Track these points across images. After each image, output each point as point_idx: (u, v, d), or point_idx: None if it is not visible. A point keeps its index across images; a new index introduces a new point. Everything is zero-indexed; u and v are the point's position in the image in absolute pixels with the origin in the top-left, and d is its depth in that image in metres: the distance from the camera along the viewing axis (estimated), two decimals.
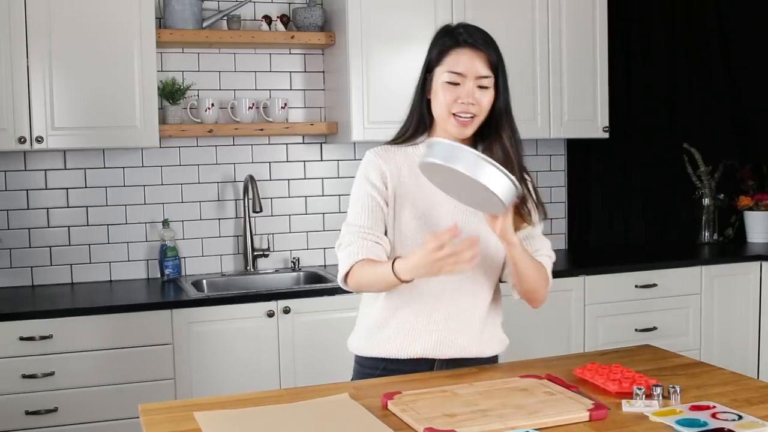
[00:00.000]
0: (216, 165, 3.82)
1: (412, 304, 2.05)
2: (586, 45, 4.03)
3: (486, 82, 1.99)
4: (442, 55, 2.00)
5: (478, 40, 1.99)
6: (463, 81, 1.97)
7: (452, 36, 2.01)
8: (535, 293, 2.07)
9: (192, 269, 3.80)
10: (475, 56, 1.98)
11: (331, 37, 3.75)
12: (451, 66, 1.98)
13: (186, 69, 3.76)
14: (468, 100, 1.97)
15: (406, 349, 2.05)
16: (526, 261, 2.00)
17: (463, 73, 1.97)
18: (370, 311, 2.12)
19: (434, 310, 2.05)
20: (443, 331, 2.05)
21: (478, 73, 1.97)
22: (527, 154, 4.29)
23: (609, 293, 3.83)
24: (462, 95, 1.97)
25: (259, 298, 3.30)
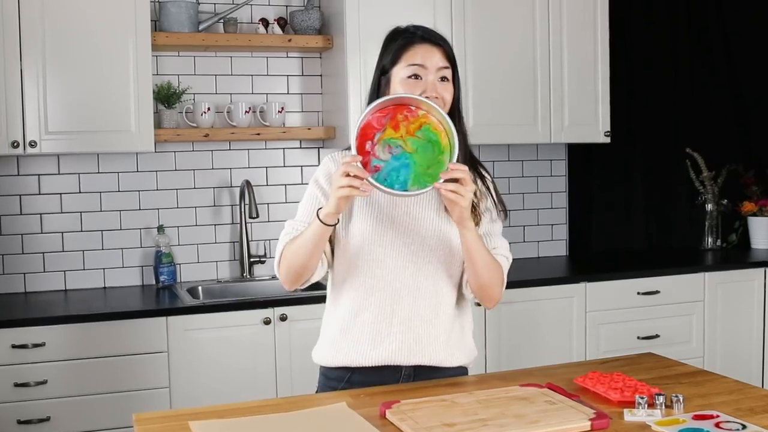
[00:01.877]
0: (212, 170, 3.82)
1: (373, 305, 2.05)
2: (587, 48, 4.03)
3: (447, 73, 2.01)
4: (399, 53, 2.02)
5: (433, 35, 2.04)
6: (425, 74, 1.99)
7: (406, 35, 2.04)
8: (489, 290, 2.04)
9: (187, 276, 3.80)
10: (433, 49, 2.01)
11: (329, 41, 3.75)
12: (411, 59, 2.00)
13: (182, 72, 3.76)
14: (432, 93, 1.98)
15: (371, 353, 2.04)
16: (481, 251, 1.98)
17: (424, 65, 1.99)
18: (332, 319, 2.12)
19: (396, 309, 2.04)
20: (407, 333, 2.04)
21: (438, 65, 2.00)
22: (529, 159, 4.35)
23: (611, 300, 3.83)
24: (426, 88, 1.98)
25: (256, 305, 3.29)
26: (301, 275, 2.03)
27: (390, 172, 1.86)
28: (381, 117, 1.90)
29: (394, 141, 1.87)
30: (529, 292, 3.69)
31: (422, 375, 2.07)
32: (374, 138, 1.87)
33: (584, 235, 4.50)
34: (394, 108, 1.90)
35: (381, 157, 1.87)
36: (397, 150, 1.87)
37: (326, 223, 1.93)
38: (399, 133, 1.88)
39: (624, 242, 4.55)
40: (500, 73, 3.88)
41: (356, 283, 2.06)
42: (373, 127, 1.88)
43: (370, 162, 1.86)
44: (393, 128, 1.88)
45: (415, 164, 1.86)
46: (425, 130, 1.88)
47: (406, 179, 1.85)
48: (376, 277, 2.04)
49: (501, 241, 2.12)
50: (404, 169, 1.86)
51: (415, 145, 1.87)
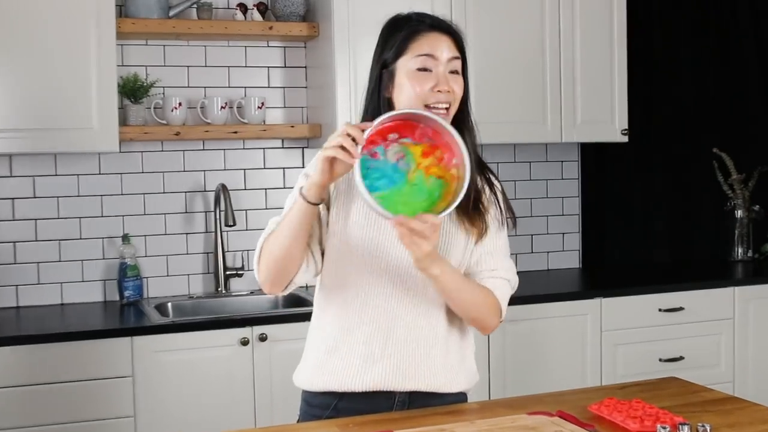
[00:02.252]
0: (183, 172, 3.81)
1: (366, 323, 2.03)
2: (602, 37, 4.03)
3: (457, 65, 2.01)
4: (405, 43, 2.01)
5: (442, 23, 2.04)
6: (435, 66, 1.98)
7: (412, 23, 2.04)
8: (480, 323, 2.06)
9: (155, 291, 3.78)
10: (443, 38, 2.01)
11: (315, 28, 3.74)
12: (418, 50, 1.99)
13: (150, 63, 3.74)
14: (444, 87, 1.98)
15: (363, 376, 2.02)
16: (458, 294, 1.98)
17: (435, 55, 1.99)
18: (317, 337, 2.10)
19: (393, 327, 2.02)
20: (403, 355, 2.03)
21: (449, 56, 2.00)
22: (537, 161, 4.33)
23: (629, 318, 3.81)
24: (438, 82, 1.98)
25: (232, 323, 3.28)
26: (282, 271, 1.99)
27: (376, 170, 1.86)
28: (424, 131, 1.91)
29: (411, 158, 1.89)
30: (538, 309, 3.67)
31: (418, 402, 2.05)
32: (401, 137, 1.89)
33: (599, 245, 4.49)
34: (436, 135, 1.90)
35: (388, 155, 1.88)
36: (403, 166, 1.89)
37: (309, 200, 1.91)
38: (421, 159, 1.90)
39: (644, 253, 4.54)
40: (505, 65, 3.87)
41: (348, 296, 2.04)
42: (410, 130, 1.90)
43: (375, 147, 1.87)
44: (423, 152, 1.90)
45: (397, 191, 1.87)
46: (439, 182, 1.90)
47: (380, 189, 1.86)
48: (372, 290, 2.02)
49: (502, 261, 2.09)
50: (389, 183, 1.87)
51: (417, 180, 1.89)
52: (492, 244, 2.08)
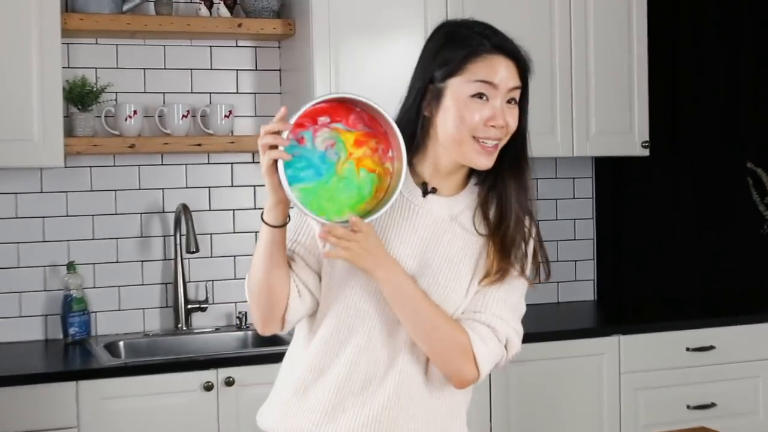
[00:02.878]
0: (139, 191, 3.79)
1: (342, 365, 2.01)
2: (619, 36, 4.04)
3: (516, 95, 2.03)
4: (463, 62, 1.99)
5: (508, 45, 2.05)
6: (494, 95, 1.98)
7: (474, 39, 2.01)
8: (444, 364, 2.00)
9: (105, 328, 3.76)
10: (507, 64, 2.02)
11: (290, 26, 3.73)
12: (481, 74, 1.98)
13: (100, 65, 3.74)
14: (499, 122, 1.98)
15: (327, 426, 2.00)
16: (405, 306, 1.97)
17: (495, 83, 1.98)
18: (289, 375, 2.09)
19: (372, 373, 2.00)
20: (380, 407, 2.00)
21: (510, 85, 2.01)
22: (545, 177, 4.33)
23: (652, 358, 3.80)
24: (494, 115, 1.97)
25: (194, 365, 3.26)
26: (268, 307, 2.00)
27: (302, 158, 1.87)
28: (360, 116, 1.91)
29: (342, 147, 1.90)
30: (547, 348, 3.65)
31: None
32: (333, 122, 1.90)
33: (617, 274, 4.48)
34: (374, 123, 1.92)
35: (316, 141, 1.89)
36: (332, 155, 1.89)
37: (271, 224, 1.92)
38: (353, 148, 1.91)
39: (668, 284, 4.53)
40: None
41: (328, 331, 2.03)
42: (343, 113, 1.91)
43: (302, 131, 1.88)
44: (356, 141, 1.91)
45: (323, 184, 1.89)
46: (370, 177, 1.92)
47: (304, 180, 1.87)
48: (353, 328, 2.01)
49: (496, 308, 2.03)
50: (315, 174, 1.88)
51: (347, 173, 1.90)
52: (504, 293, 2.04)
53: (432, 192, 2.05)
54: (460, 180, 2.08)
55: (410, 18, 3.70)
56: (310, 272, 2.03)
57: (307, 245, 2.04)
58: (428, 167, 2.05)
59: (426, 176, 2.05)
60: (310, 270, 2.03)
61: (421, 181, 2.05)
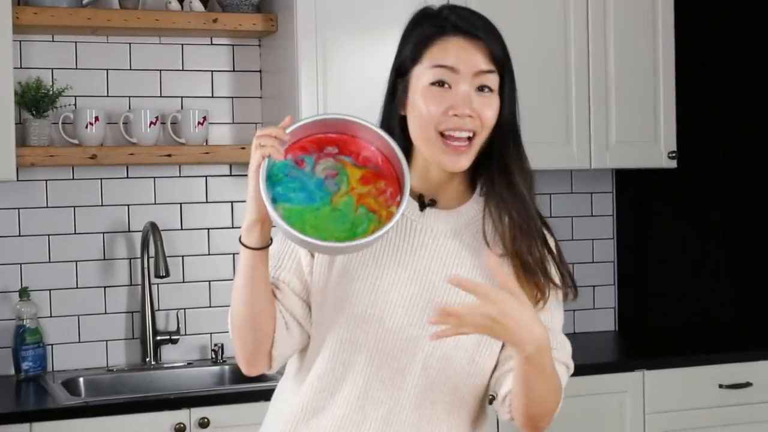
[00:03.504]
0: (101, 207, 3.80)
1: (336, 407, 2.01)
2: (642, 36, 4.06)
3: (489, 80, 1.96)
4: (421, 47, 1.97)
5: (474, 24, 1.98)
6: (456, 81, 1.94)
7: (435, 21, 2.00)
8: (541, 420, 2.00)
9: (63, 362, 3.76)
10: (471, 46, 1.96)
11: (272, 21, 3.75)
12: (436, 59, 1.95)
13: (57, 65, 3.75)
14: (464, 110, 1.93)
15: None
16: (542, 378, 1.92)
17: (456, 68, 1.94)
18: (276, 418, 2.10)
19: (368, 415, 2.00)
20: None
21: (477, 68, 1.95)
22: (560, 192, 4.34)
23: (680, 396, 3.81)
24: (456, 102, 1.93)
25: (164, 405, 3.26)
26: (253, 343, 1.99)
27: (296, 180, 1.88)
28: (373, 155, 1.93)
29: (344, 180, 1.91)
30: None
31: None
32: (341, 153, 1.91)
33: (641, 301, 4.50)
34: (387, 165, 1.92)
35: (317, 168, 1.90)
36: (330, 185, 1.90)
37: (251, 246, 1.90)
38: (357, 184, 1.91)
39: (699, 312, 4.54)
40: (518, 71, 3.85)
41: (322, 367, 2.02)
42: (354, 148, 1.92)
43: (304, 154, 1.89)
44: (363, 177, 1.91)
45: (313, 210, 1.88)
46: (369, 216, 1.90)
47: (288, 201, 1.87)
48: (349, 364, 2.00)
49: (560, 341, 2.06)
50: (306, 199, 1.88)
51: (343, 206, 1.90)
52: (550, 319, 2.03)
53: (431, 205, 2.02)
54: (461, 189, 2.05)
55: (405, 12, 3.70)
56: (297, 301, 2.02)
57: (293, 270, 2.02)
58: (418, 178, 2.01)
59: (419, 188, 2.02)
60: (297, 298, 2.02)
61: (417, 194, 2.02)
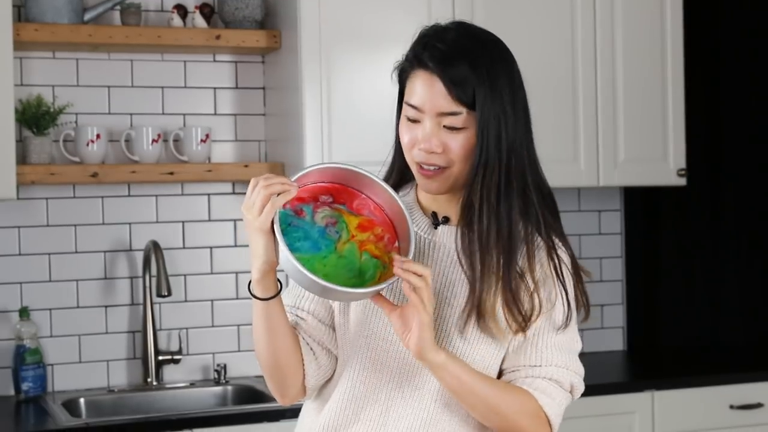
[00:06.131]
0: (102, 226, 3.80)
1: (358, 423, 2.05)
2: (651, 54, 4.06)
3: (453, 121, 1.96)
4: (402, 77, 2.04)
5: (445, 59, 1.96)
6: (422, 118, 1.98)
7: (415, 50, 2.03)
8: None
9: (64, 383, 3.75)
10: (435, 84, 1.96)
11: (276, 38, 3.76)
12: (408, 95, 2.01)
13: (58, 83, 3.75)
14: (426, 147, 1.96)
15: None
16: (469, 387, 1.96)
17: (420, 107, 1.98)
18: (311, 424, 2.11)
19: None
20: None
21: (439, 110, 1.96)
22: (567, 210, 4.33)
23: (690, 417, 3.80)
24: (420, 138, 1.98)
25: (166, 426, 3.26)
26: (282, 380, 2.05)
27: (299, 229, 1.91)
28: (364, 202, 1.97)
29: (344, 227, 1.94)
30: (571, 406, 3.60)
31: None
32: (336, 202, 1.96)
33: (650, 321, 4.48)
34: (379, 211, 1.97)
35: (316, 217, 1.93)
36: (332, 233, 1.93)
37: (260, 296, 1.93)
38: (356, 231, 1.94)
39: (709, 331, 4.52)
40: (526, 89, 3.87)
41: (342, 388, 2.06)
42: (347, 197, 1.97)
43: (301, 204, 1.93)
44: (360, 225, 1.95)
45: (321, 258, 1.90)
46: (374, 262, 1.93)
47: (296, 251, 1.88)
48: (372, 383, 2.04)
49: (553, 355, 2.05)
50: (312, 247, 1.90)
51: (347, 253, 1.92)
52: (536, 333, 2.03)
53: (444, 222, 2.05)
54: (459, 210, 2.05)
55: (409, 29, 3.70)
56: (323, 328, 2.06)
57: (315, 298, 2.06)
58: (427, 196, 2.07)
59: (431, 206, 2.07)
60: (323, 326, 2.06)
61: (430, 211, 2.07)
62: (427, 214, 2.07)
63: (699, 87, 4.38)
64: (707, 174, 4.45)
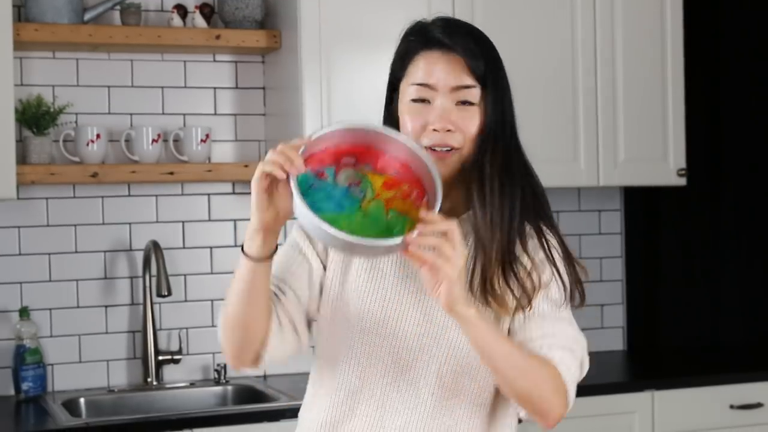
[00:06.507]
0: (102, 226, 3.81)
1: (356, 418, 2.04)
2: (651, 54, 4.06)
3: (468, 95, 1.99)
4: (405, 62, 2.05)
5: (455, 37, 2.01)
6: (434, 97, 1.99)
7: (420, 35, 2.04)
8: (538, 404, 1.99)
9: (64, 383, 3.75)
10: (449, 61, 1.99)
11: (276, 38, 3.76)
12: (415, 76, 2.01)
13: (58, 83, 3.76)
14: (442, 125, 1.97)
15: None
16: (496, 346, 1.91)
17: (433, 85, 1.99)
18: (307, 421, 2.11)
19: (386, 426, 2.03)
20: None
21: (453, 83, 1.99)
22: (567, 210, 4.33)
23: (690, 417, 3.81)
24: (434, 118, 1.97)
25: (166, 426, 3.26)
26: (242, 341, 2.01)
27: (321, 190, 1.88)
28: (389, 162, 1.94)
29: (368, 187, 1.92)
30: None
31: None
32: (359, 163, 1.92)
33: (650, 321, 4.48)
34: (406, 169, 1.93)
35: (339, 178, 1.90)
36: (356, 192, 1.90)
37: (253, 256, 1.90)
38: (381, 190, 1.91)
39: (709, 331, 4.52)
40: (523, 85, 3.82)
41: (338, 381, 2.06)
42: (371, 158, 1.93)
43: (323, 167, 1.90)
44: (385, 183, 1.92)
45: (346, 217, 1.88)
46: (402, 219, 1.91)
47: (324, 211, 1.86)
48: (368, 376, 2.04)
49: (554, 325, 2.04)
50: (336, 207, 1.88)
51: (373, 211, 1.90)
52: (539, 308, 2.03)
53: None
54: (464, 196, 2.06)
55: None
56: (300, 309, 2.05)
57: (305, 280, 2.06)
58: None
59: None
60: (301, 308, 2.05)
61: None
62: None
63: (699, 87, 4.37)
64: (707, 174, 4.45)
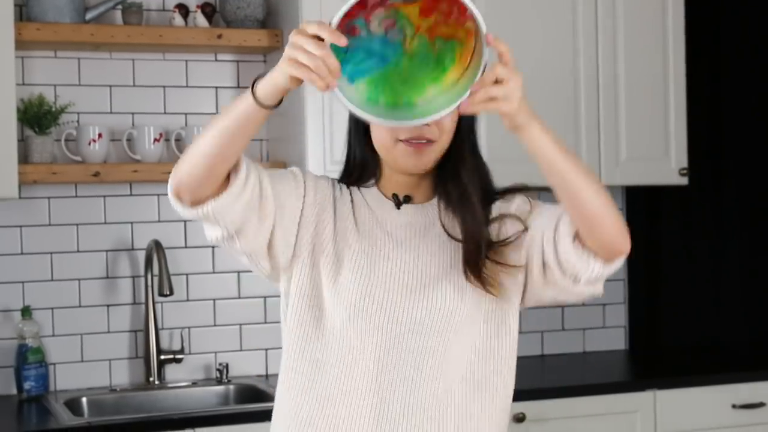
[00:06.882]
0: (104, 225, 3.81)
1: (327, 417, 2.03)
2: (653, 53, 4.06)
3: None
4: None
5: None
6: None
7: None
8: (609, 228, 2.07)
9: (66, 382, 3.76)
10: None
11: (277, 37, 3.77)
12: None
13: (60, 82, 3.76)
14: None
15: None
16: (559, 155, 1.98)
17: None
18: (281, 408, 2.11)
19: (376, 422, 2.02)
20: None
21: None
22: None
23: (692, 417, 3.80)
24: None
25: (168, 425, 3.26)
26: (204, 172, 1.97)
27: (359, 50, 1.83)
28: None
29: (405, 23, 1.84)
30: (571, 405, 3.65)
31: None
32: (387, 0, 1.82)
33: (652, 320, 4.48)
34: None
35: (372, 26, 1.83)
36: (395, 35, 1.84)
37: (262, 101, 1.84)
38: (420, 20, 1.85)
39: (711, 331, 4.51)
40: (525, 87, 3.83)
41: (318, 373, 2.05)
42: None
43: (353, 21, 1.79)
44: (422, 10, 1.84)
45: (392, 68, 1.85)
46: (450, 44, 1.86)
47: (363, 74, 1.83)
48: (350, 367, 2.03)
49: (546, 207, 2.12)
50: (379, 62, 1.84)
51: (419, 48, 1.86)
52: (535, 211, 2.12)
53: (406, 201, 2.11)
54: (430, 186, 2.13)
55: None
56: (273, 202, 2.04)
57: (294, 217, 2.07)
58: (387, 184, 2.13)
59: (392, 190, 2.13)
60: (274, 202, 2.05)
61: (391, 193, 2.12)
62: (387, 196, 2.12)
63: (700, 86, 4.37)
64: (709, 173, 4.44)
